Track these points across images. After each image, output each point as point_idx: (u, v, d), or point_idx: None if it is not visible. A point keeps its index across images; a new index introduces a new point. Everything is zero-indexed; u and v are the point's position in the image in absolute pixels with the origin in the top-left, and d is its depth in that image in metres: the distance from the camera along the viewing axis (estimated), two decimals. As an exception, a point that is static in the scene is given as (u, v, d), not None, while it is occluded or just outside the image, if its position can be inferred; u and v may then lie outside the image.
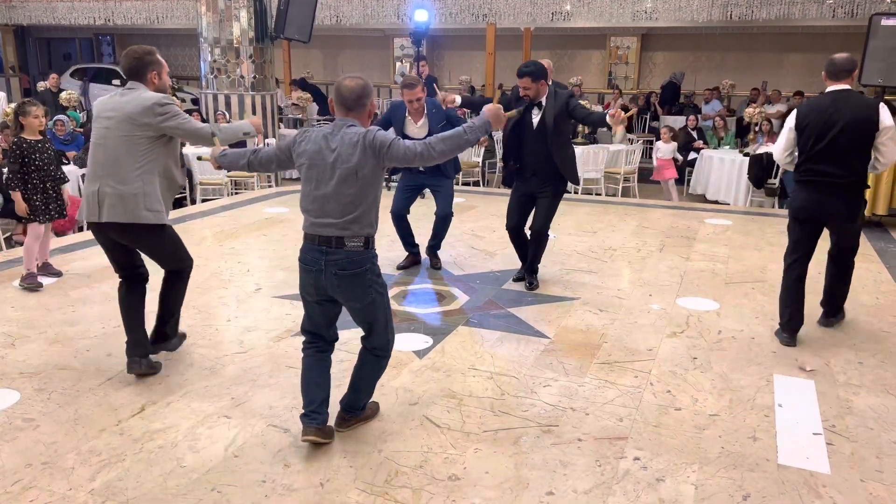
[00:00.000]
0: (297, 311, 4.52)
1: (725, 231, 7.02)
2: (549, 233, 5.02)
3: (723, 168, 9.32)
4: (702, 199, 9.53)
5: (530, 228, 5.02)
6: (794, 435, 3.11)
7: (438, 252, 5.66)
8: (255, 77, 10.57)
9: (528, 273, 5.13)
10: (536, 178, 4.87)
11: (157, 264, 3.61)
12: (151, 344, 3.64)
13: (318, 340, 3.00)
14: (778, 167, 8.86)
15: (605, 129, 9.37)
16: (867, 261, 5.93)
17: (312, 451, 2.91)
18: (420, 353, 3.94)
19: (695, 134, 10.39)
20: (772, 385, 3.59)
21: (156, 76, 3.43)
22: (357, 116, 2.82)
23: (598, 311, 4.62)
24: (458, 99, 5.12)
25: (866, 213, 6.99)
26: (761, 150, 9.12)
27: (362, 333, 3.00)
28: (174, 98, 3.44)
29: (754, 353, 3.99)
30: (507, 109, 3.17)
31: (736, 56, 14.98)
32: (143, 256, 3.61)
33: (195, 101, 13.77)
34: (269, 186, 9.65)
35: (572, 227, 6.97)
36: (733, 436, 3.09)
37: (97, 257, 5.75)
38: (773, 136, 9.90)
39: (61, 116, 8.75)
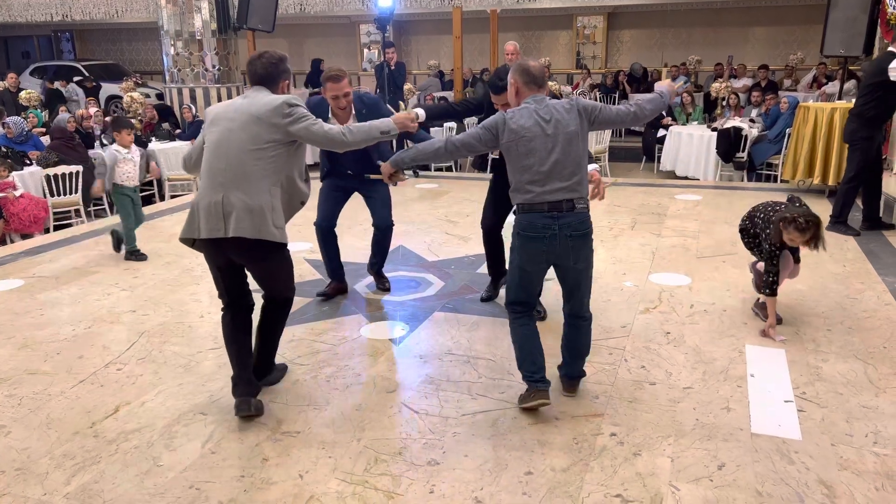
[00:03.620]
0: (271, 304, 4.49)
1: (696, 206, 7.10)
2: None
3: (692, 144, 9.40)
4: (672, 175, 9.61)
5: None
6: (767, 403, 3.16)
7: (383, 270, 4.82)
8: (219, 69, 10.43)
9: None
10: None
11: (266, 290, 3.20)
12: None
13: (530, 308, 3.16)
14: (745, 140, 8.96)
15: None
16: (833, 230, 6.03)
17: (291, 444, 2.90)
18: (396, 341, 3.93)
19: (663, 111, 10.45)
20: (744, 356, 3.64)
21: (287, 86, 3.09)
22: (546, 92, 3.07)
23: (573, 291, 4.65)
24: (422, 113, 4.00)
25: (830, 182, 7.11)
26: (729, 124, 9.21)
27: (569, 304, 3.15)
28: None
29: (726, 325, 4.04)
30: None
31: (702, 32, 15.07)
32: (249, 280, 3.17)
33: (160, 97, 13.55)
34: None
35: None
36: (707, 407, 3.14)
37: (64, 259, 5.66)
38: (740, 109, 10.00)
39: (9, 119, 8.51)
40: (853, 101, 7.90)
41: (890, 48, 5.64)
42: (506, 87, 3.78)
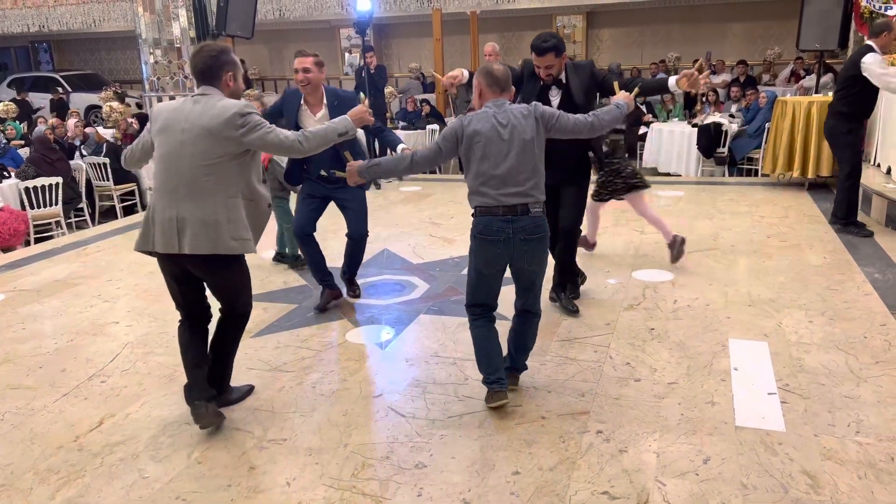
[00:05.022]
0: (254, 314, 4.46)
1: (678, 202, 7.14)
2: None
3: (673, 140, 9.46)
4: (654, 171, 9.66)
5: (561, 225, 4.12)
6: (750, 396, 3.19)
7: (355, 279, 4.75)
8: (199, 77, 10.38)
9: (563, 287, 4.34)
10: (556, 168, 3.66)
11: (224, 303, 3.12)
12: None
13: (490, 311, 3.19)
14: (726, 136, 9.03)
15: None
16: (814, 221, 6.10)
17: (277, 451, 2.89)
18: (382, 345, 3.93)
19: (644, 108, 10.51)
20: (727, 350, 3.67)
21: (231, 78, 2.94)
22: (508, 97, 3.10)
23: (557, 290, 4.66)
24: (466, 73, 3.85)
25: (809, 175, 7.18)
26: (709, 119, 9.28)
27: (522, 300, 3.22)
28: (254, 103, 2.91)
29: (709, 319, 4.07)
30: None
31: (680, 29, 15.16)
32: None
33: (139, 106, 13.44)
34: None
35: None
36: (692, 402, 3.16)
37: (46, 271, 5.61)
38: (719, 105, 10.08)
39: None
40: (830, 94, 7.99)
41: (867, 41, 5.59)
42: (549, 49, 3.84)
